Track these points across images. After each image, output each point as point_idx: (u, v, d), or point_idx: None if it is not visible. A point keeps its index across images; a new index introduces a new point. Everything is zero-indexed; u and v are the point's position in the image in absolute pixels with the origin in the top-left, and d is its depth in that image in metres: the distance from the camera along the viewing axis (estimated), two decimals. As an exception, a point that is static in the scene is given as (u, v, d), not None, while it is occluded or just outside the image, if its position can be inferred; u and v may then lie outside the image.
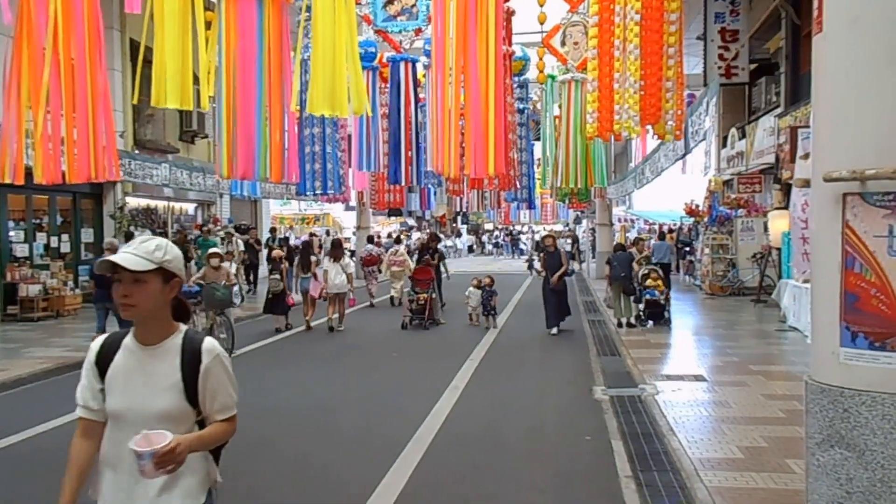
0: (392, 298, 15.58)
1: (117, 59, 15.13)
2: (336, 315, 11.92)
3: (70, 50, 4.89)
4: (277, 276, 11.95)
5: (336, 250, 12.18)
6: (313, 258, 12.35)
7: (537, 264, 13.28)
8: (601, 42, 6.14)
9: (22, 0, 4.93)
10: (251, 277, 17.66)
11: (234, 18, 4.66)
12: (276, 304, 11.93)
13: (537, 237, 27.33)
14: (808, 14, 6.73)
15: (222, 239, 16.42)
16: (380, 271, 16.11)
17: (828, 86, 3.33)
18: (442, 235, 42.90)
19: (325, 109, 4.75)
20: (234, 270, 12.34)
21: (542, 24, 10.95)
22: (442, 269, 14.38)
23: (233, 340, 9.41)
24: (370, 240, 17.74)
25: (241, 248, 16.59)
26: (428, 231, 17.09)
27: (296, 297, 12.29)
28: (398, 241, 17.96)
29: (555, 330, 11.24)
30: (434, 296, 12.59)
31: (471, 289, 12.55)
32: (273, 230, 21.54)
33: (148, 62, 16.29)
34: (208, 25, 5.18)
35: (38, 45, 4.83)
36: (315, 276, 11.94)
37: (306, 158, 11.52)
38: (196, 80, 5.36)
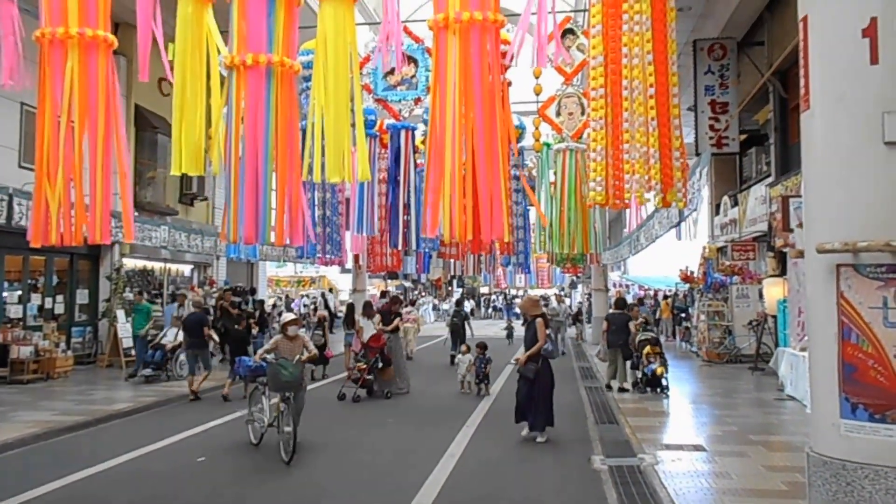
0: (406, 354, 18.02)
1: (121, 123, 15.42)
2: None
3: (83, 117, 5.05)
4: (320, 332, 14.00)
5: (368, 309, 13.79)
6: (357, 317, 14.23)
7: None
8: (608, 112, 6.31)
9: (41, 69, 5.09)
10: (224, 347, 15.19)
11: (245, 89, 4.83)
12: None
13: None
14: (795, 88, 6.96)
15: (173, 298, 15.57)
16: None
17: (817, 160, 3.43)
18: (435, 299, 42.94)
19: (335, 176, 4.91)
20: (182, 337, 12.60)
21: (537, 95, 11.23)
22: (467, 328, 16.98)
23: (295, 439, 7.14)
24: (384, 295, 20.12)
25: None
26: (391, 295, 17.55)
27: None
28: (413, 303, 22.38)
29: (525, 432, 8.35)
30: (380, 366, 11.60)
31: (460, 356, 12.41)
32: (247, 292, 20.29)
33: (153, 127, 16.59)
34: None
35: (54, 113, 5.00)
36: (358, 332, 13.46)
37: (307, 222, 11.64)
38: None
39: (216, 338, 11.84)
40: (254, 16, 5.12)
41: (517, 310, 40.94)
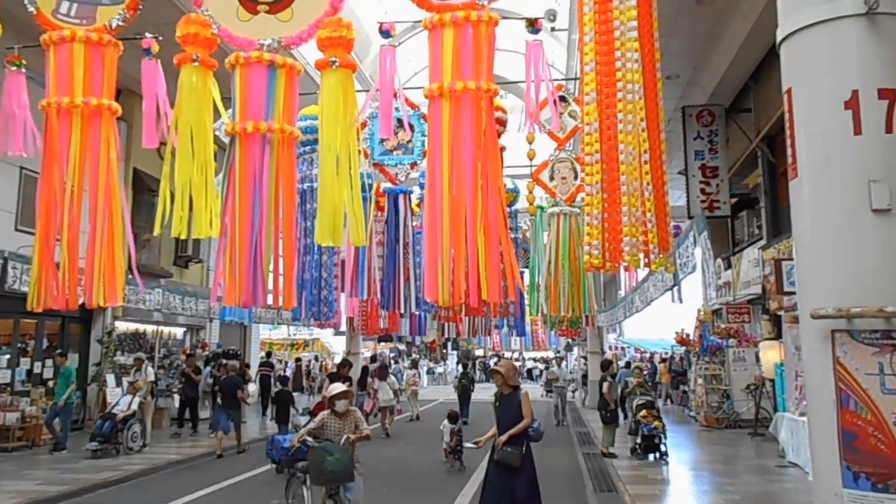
0: (412, 416, 18.99)
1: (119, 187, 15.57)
2: (388, 424, 14.91)
3: (84, 181, 5.17)
4: None
5: (382, 371, 15.21)
6: (370, 379, 15.43)
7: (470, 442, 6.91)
8: (605, 177, 6.42)
9: (46, 136, 5.22)
10: (189, 414, 15.01)
11: (246, 155, 4.96)
12: None
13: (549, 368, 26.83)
14: (783, 153, 7.08)
15: (129, 367, 15.34)
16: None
17: (807, 227, 3.49)
18: (430, 362, 42.53)
19: (329, 240, 5.00)
20: (136, 405, 12.29)
21: (531, 159, 11.44)
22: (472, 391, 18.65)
23: None
24: (373, 360, 21.48)
25: (151, 378, 13.82)
26: (343, 358, 17.79)
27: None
28: (415, 364, 23.69)
29: None
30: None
31: (445, 422, 12.14)
32: (218, 356, 18.14)
33: (151, 190, 16.76)
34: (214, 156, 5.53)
35: (59, 179, 5.12)
36: (370, 394, 14.65)
37: (304, 285, 11.62)
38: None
39: (248, 401, 13.33)
40: (255, 85, 5.29)
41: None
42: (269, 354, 21.62)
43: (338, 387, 6.54)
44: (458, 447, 11.00)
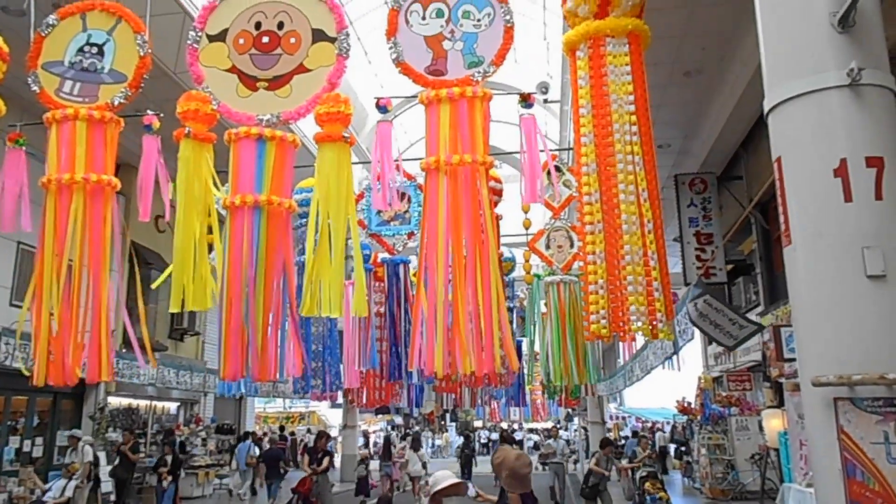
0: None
1: (116, 260, 15.59)
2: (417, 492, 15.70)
3: (82, 256, 5.22)
4: (364, 466, 16.04)
5: (415, 443, 16.69)
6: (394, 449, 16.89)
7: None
8: (608, 245, 6.43)
9: (44, 212, 5.30)
10: (116, 498, 13.36)
11: (236, 227, 5.02)
12: (362, 485, 15.75)
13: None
14: (776, 219, 7.15)
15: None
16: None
17: (803, 293, 3.49)
18: (431, 433, 41.62)
19: (328, 311, 5.01)
20: (70, 491, 11.13)
21: (527, 228, 11.52)
22: (473, 463, 20.25)
23: None
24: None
25: (90, 458, 12.36)
26: (319, 431, 17.65)
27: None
28: (417, 438, 24.67)
29: None
30: None
31: (423, 499, 11.66)
32: (171, 433, 16.66)
33: (148, 263, 16.84)
34: (209, 229, 5.58)
35: (57, 255, 5.17)
36: (395, 463, 15.80)
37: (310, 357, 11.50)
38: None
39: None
40: (244, 159, 5.40)
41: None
42: (282, 428, 22.46)
43: (446, 476, 4.64)
44: None
